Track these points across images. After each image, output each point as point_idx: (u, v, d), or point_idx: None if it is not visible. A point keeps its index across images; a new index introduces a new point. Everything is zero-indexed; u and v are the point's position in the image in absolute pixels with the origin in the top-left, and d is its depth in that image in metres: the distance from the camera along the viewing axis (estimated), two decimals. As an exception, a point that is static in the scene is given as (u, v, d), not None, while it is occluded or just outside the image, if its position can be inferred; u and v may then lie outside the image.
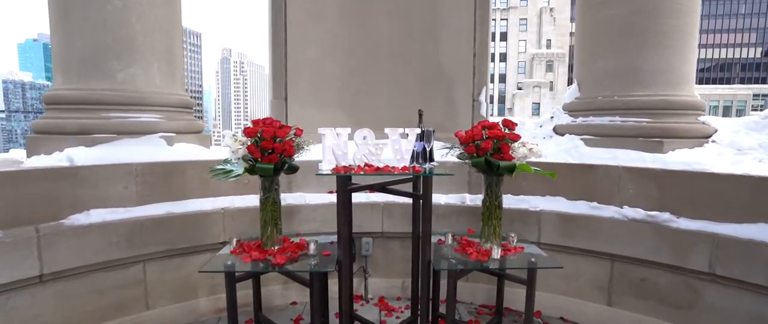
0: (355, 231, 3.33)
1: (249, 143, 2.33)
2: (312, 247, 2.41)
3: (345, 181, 2.24)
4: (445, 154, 2.56)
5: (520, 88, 58.20)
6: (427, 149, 2.50)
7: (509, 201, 3.08)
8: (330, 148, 2.27)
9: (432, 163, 2.55)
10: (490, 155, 2.40)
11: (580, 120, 3.33)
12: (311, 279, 2.23)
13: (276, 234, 2.47)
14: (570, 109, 3.54)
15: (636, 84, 3.08)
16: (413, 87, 3.69)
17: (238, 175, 2.30)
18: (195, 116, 3.59)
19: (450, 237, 2.66)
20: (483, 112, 3.67)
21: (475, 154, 2.43)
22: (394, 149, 2.29)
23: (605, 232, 2.87)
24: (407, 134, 2.32)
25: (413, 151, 2.36)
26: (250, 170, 2.31)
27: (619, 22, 3.09)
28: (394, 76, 3.70)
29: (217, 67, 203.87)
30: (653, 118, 3.01)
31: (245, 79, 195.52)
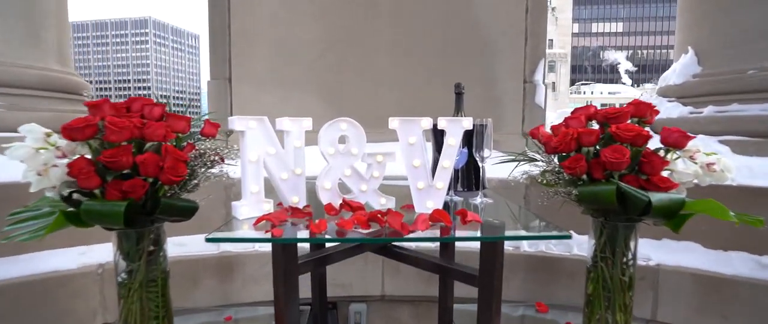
0: (339, 295, 2.02)
1: (79, 155, 1.02)
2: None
3: (291, 255, 0.91)
4: (517, 176, 1.23)
5: (522, 89, 57.21)
6: (481, 165, 1.18)
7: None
8: (258, 164, 0.95)
9: (483, 194, 1.24)
10: (620, 177, 1.09)
11: (709, 110, 2.01)
12: None
13: (160, 343, 1.15)
14: (682, 95, 2.22)
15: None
16: (432, 60, 2.38)
17: (40, 230, 0.97)
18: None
19: (518, 336, 1.34)
20: (539, 99, 2.35)
21: (585, 177, 1.12)
22: (412, 168, 0.97)
23: (791, 311, 1.55)
24: (442, 132, 1.00)
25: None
26: (72, 217, 0.98)
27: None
28: (402, 45, 2.39)
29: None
30: None
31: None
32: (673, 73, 2.30)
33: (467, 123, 0.97)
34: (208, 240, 0.79)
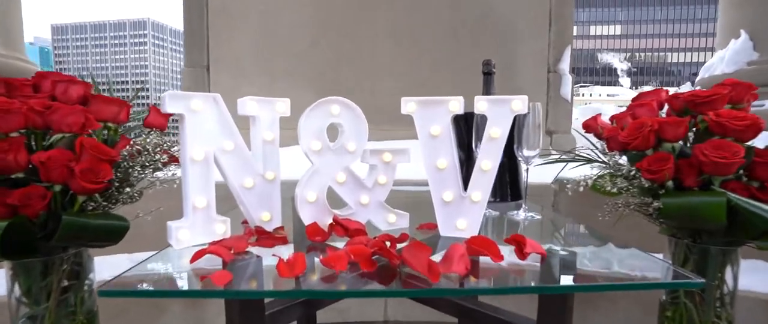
0: (332, 321, 1.71)
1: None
2: None
3: (252, 311, 0.59)
4: (573, 180, 0.91)
5: (521, 91, 57.48)
6: (526, 167, 0.86)
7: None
8: (207, 165, 0.63)
9: (525, 207, 0.92)
10: (720, 184, 0.78)
11: (771, 103, 1.70)
12: None
13: None
14: (733, 86, 1.89)
15: None
16: (440, 47, 2.06)
17: None
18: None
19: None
20: (565, 91, 2.04)
21: (668, 183, 0.80)
22: (436, 170, 0.66)
23: None
24: (469, 120, 0.69)
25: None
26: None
27: None
28: (405, 29, 2.08)
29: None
30: None
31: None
32: (720, 61, 1.99)
33: (520, 104, 0.65)
34: (101, 294, 0.47)
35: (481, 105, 0.66)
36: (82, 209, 0.78)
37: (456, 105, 0.67)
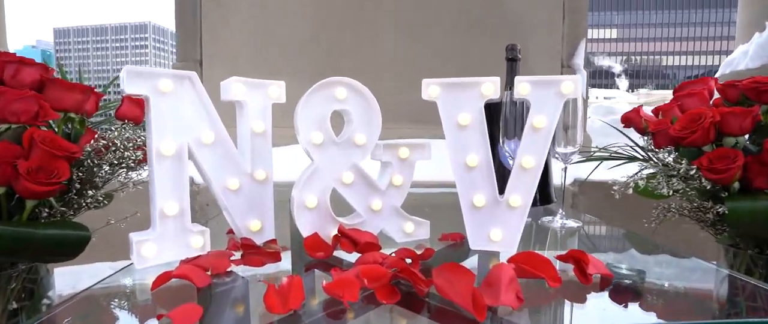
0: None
1: None
2: None
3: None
4: (625, 188, 0.78)
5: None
6: (564, 166, 0.73)
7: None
8: (180, 161, 0.49)
9: (562, 212, 0.79)
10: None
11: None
12: None
13: None
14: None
15: None
16: (447, 41, 1.95)
17: None
18: None
19: None
20: (580, 88, 1.90)
21: (734, 184, 0.67)
22: (465, 168, 0.53)
23: None
24: (495, 109, 0.56)
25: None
26: None
27: None
28: (410, 23, 1.96)
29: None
30: None
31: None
32: (743, 56, 1.88)
33: (572, 86, 0.53)
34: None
35: (523, 87, 0.53)
36: (35, 216, 0.64)
37: (491, 88, 0.54)
